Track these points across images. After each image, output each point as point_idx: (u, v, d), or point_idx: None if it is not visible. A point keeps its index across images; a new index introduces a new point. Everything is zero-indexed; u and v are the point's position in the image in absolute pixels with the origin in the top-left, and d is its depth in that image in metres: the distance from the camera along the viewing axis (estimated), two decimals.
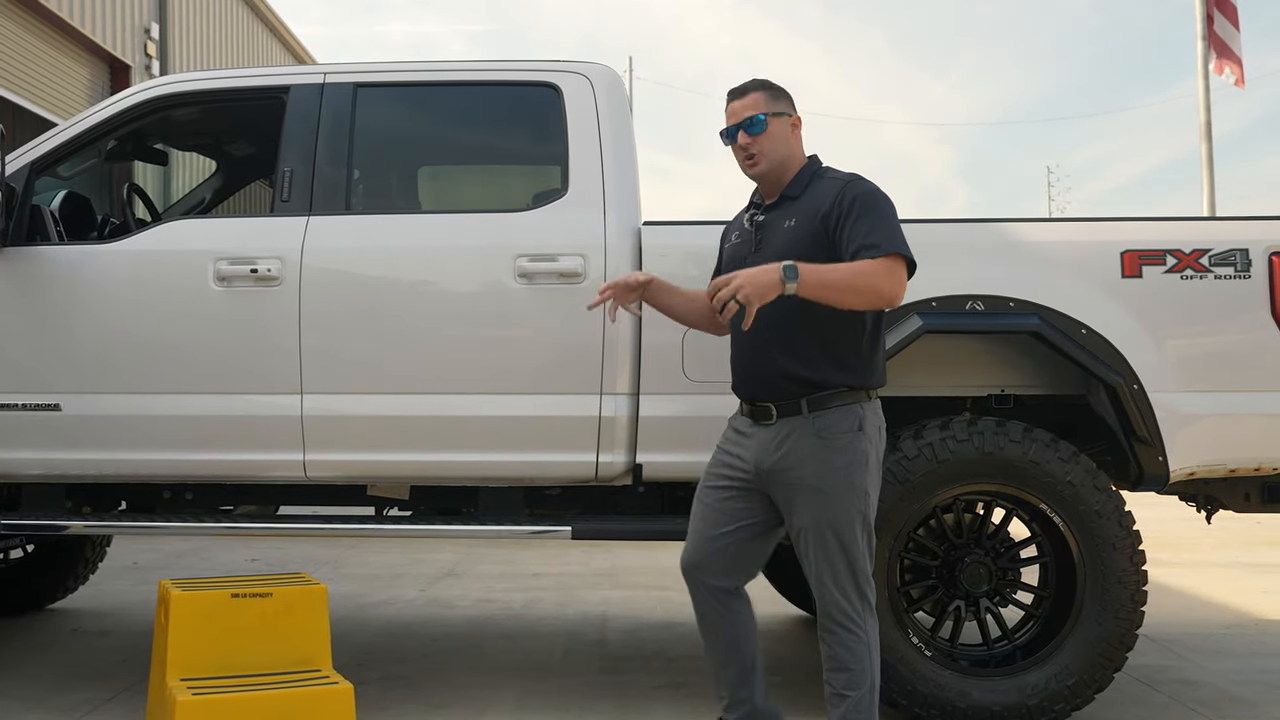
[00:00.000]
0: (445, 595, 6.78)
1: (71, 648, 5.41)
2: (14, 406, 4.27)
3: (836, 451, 3.21)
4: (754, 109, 3.36)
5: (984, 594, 4.21)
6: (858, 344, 3.27)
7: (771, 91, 3.41)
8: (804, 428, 3.23)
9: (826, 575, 3.22)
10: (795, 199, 3.34)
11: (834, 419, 3.22)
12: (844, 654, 3.23)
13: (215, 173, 5.76)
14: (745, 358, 3.36)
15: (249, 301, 4.24)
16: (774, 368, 3.26)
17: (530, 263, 4.20)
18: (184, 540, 8.47)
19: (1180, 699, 4.64)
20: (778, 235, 3.31)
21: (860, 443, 3.23)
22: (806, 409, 3.23)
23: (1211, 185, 15.65)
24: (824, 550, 3.21)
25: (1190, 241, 4.17)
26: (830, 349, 3.24)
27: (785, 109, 3.40)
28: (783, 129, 3.38)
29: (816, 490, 3.20)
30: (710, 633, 3.47)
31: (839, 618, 3.23)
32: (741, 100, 3.39)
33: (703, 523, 3.43)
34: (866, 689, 3.23)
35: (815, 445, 3.21)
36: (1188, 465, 4.18)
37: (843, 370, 3.24)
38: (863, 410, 3.26)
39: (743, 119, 3.36)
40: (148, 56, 13.86)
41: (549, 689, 4.74)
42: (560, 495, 4.57)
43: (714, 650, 3.46)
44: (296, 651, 3.83)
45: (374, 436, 4.24)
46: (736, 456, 3.38)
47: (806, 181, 3.36)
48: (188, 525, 4.36)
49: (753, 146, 3.36)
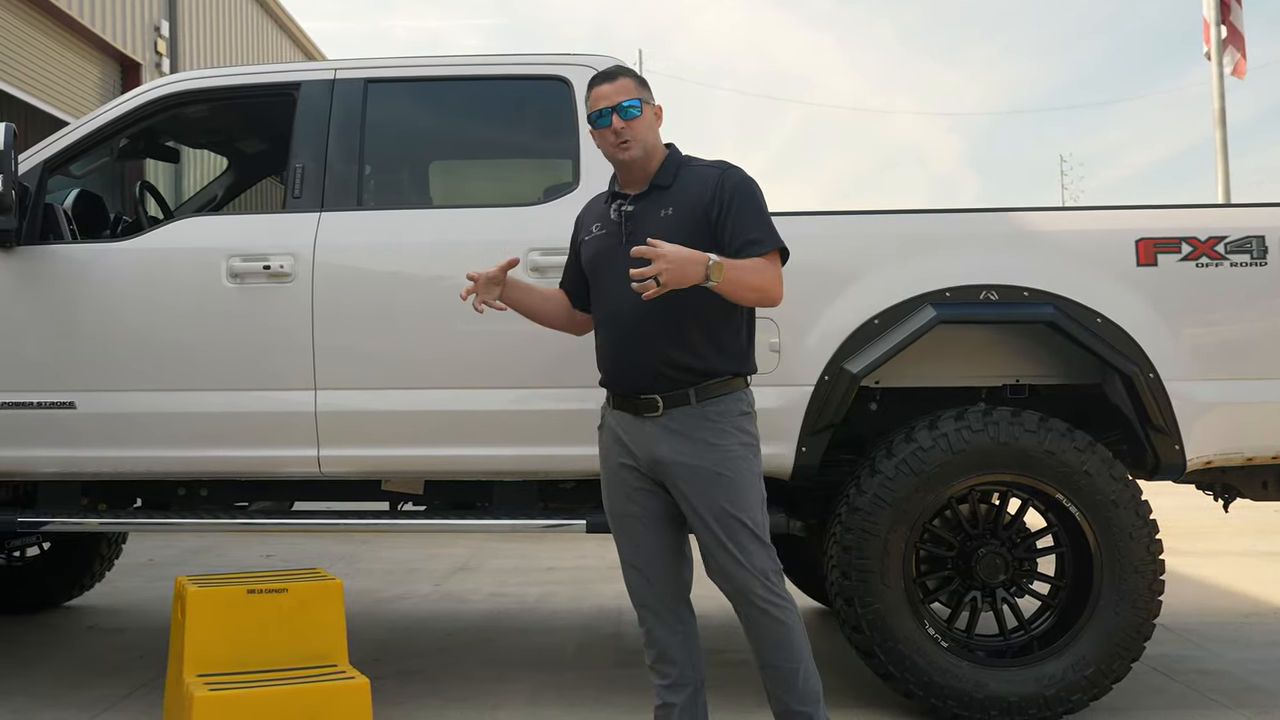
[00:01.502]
0: (460, 590, 6.78)
1: (88, 645, 5.43)
2: (29, 405, 4.29)
3: (731, 435, 3.23)
4: (626, 94, 3.32)
5: (1000, 584, 4.20)
6: (737, 332, 3.30)
7: (638, 79, 3.39)
8: (695, 416, 3.22)
9: (742, 558, 3.21)
10: (666, 188, 3.31)
11: (723, 405, 3.24)
12: (780, 630, 3.23)
13: (227, 170, 5.77)
14: (623, 350, 3.31)
15: (262, 298, 4.25)
16: (659, 358, 3.23)
17: (542, 256, 4.20)
18: (199, 537, 8.49)
19: (1198, 688, 4.62)
20: (652, 225, 3.25)
21: (749, 424, 3.28)
22: (695, 398, 3.22)
23: (1226, 172, 15.56)
24: (733, 534, 3.21)
25: (1205, 229, 4.15)
26: (713, 338, 3.24)
27: (650, 97, 3.39)
28: (650, 118, 3.36)
29: (717, 475, 3.20)
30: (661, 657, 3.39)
31: (765, 595, 3.23)
32: (613, 84, 3.34)
33: (630, 535, 3.39)
34: (808, 658, 3.26)
35: (710, 431, 3.22)
36: (1204, 454, 4.16)
37: (726, 358, 3.26)
38: (745, 394, 3.30)
39: (616, 103, 3.30)
40: (158, 54, 13.88)
41: (564, 682, 4.74)
42: (574, 488, 4.57)
43: (666, 675, 3.38)
44: (312, 647, 3.84)
45: (388, 431, 4.24)
46: (628, 458, 3.34)
47: (674, 170, 3.34)
48: (203, 522, 4.38)
49: (627, 131, 3.30)
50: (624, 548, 3.43)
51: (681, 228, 3.22)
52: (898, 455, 4.07)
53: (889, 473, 4.05)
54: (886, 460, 4.07)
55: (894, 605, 4.03)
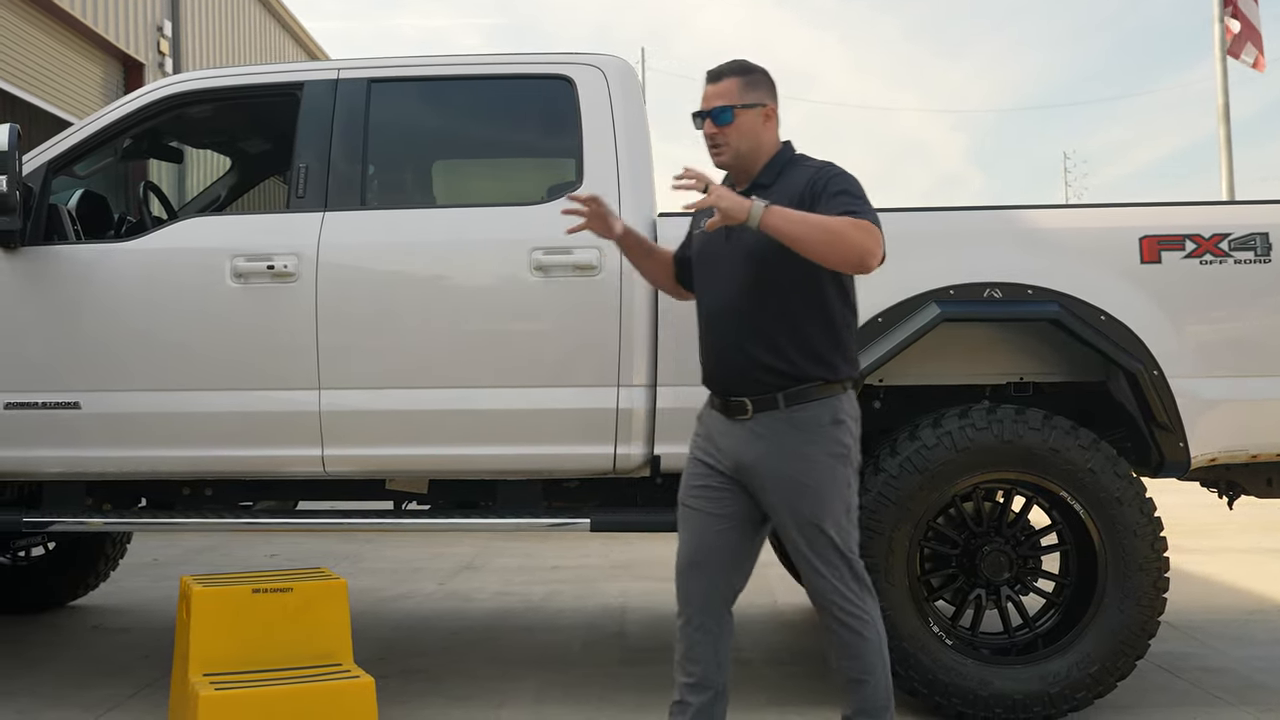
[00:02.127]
0: (464, 588, 6.79)
1: (93, 644, 5.43)
2: (34, 405, 4.29)
3: (818, 445, 3.16)
4: (724, 99, 3.27)
5: (1004, 582, 4.20)
6: (831, 336, 3.20)
7: (748, 78, 3.29)
8: (782, 423, 3.17)
9: (822, 568, 3.19)
10: (767, 187, 3.25)
11: (812, 412, 3.16)
12: (854, 640, 3.20)
13: (230, 170, 5.78)
14: (716, 351, 3.29)
15: (266, 298, 4.25)
16: (748, 361, 3.19)
17: (546, 255, 4.20)
18: (203, 536, 8.51)
19: (1203, 686, 4.62)
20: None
21: (840, 433, 3.18)
22: (783, 403, 3.17)
23: (1230, 169, 15.56)
24: (814, 544, 3.17)
25: (1209, 226, 4.14)
26: (804, 342, 3.17)
27: (759, 99, 3.29)
28: (752, 121, 3.28)
29: (801, 485, 3.15)
30: (689, 656, 3.32)
31: (843, 606, 3.20)
32: (715, 86, 3.30)
33: (691, 530, 3.34)
34: (881, 670, 3.22)
35: (796, 439, 3.16)
36: (1209, 451, 4.16)
37: (818, 363, 3.18)
38: (839, 402, 3.20)
39: (712, 107, 3.28)
40: (161, 54, 13.90)
41: (569, 681, 4.75)
42: (578, 488, 4.57)
43: (690, 673, 3.32)
44: (317, 646, 3.84)
45: (392, 431, 4.24)
46: (712, 457, 3.31)
47: (779, 170, 3.28)
48: (207, 521, 4.38)
49: (718, 137, 3.28)
50: (681, 536, 3.38)
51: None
52: (902, 453, 4.07)
53: (893, 471, 4.05)
54: (891, 458, 4.08)
55: (898, 603, 4.03)
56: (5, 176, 4.09)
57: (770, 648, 5.22)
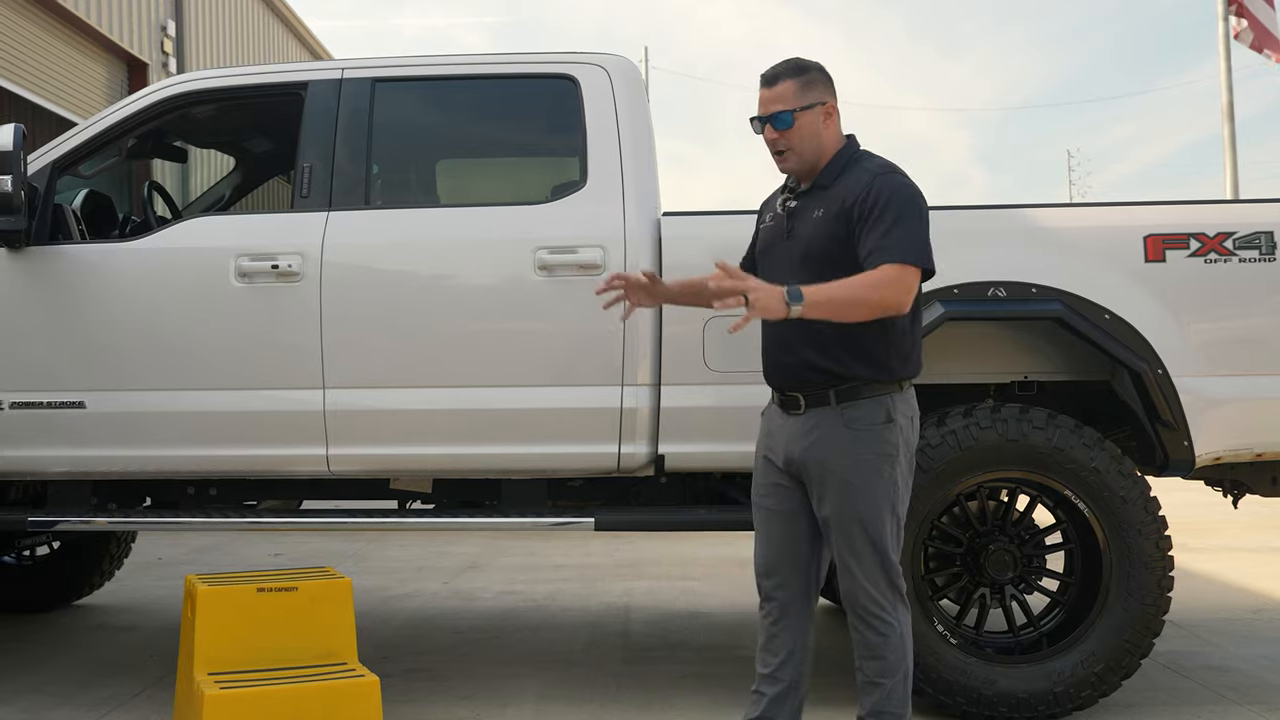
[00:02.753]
0: (468, 588, 6.79)
1: (98, 643, 5.44)
2: (39, 404, 4.30)
3: (866, 443, 3.16)
4: (781, 103, 3.24)
5: (1009, 581, 4.20)
6: (885, 337, 3.18)
7: (804, 79, 3.26)
8: (833, 419, 3.18)
9: (855, 566, 3.19)
10: (826, 188, 3.25)
11: (863, 410, 3.17)
12: (877, 642, 3.21)
13: (234, 169, 5.78)
14: (772, 349, 3.32)
15: (270, 297, 4.25)
16: (799, 360, 3.22)
17: (550, 255, 4.20)
18: (208, 535, 8.51)
19: (1208, 684, 4.62)
20: (807, 224, 3.25)
21: (890, 434, 3.18)
22: (835, 400, 3.18)
23: (1235, 167, 15.55)
24: (851, 542, 3.18)
25: (1214, 225, 4.14)
26: (855, 343, 3.16)
27: (817, 98, 3.26)
28: (812, 122, 3.25)
29: (845, 482, 3.16)
30: (766, 647, 3.35)
31: (870, 608, 3.20)
32: (771, 90, 3.27)
33: (763, 526, 3.38)
34: (899, 677, 3.21)
35: (845, 437, 3.17)
36: (1213, 450, 4.15)
37: (869, 364, 3.18)
38: (893, 401, 3.19)
39: (770, 113, 3.26)
40: (164, 54, 13.90)
41: (573, 679, 4.75)
42: (582, 487, 4.57)
43: (767, 664, 3.36)
44: (322, 645, 3.84)
45: (396, 430, 4.25)
46: (772, 452, 3.34)
47: (839, 170, 3.26)
48: (211, 521, 4.39)
49: (780, 143, 3.27)
50: (756, 534, 3.42)
51: (828, 230, 3.18)
52: None
53: None
54: None
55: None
56: (10, 176, 4.09)
57: None
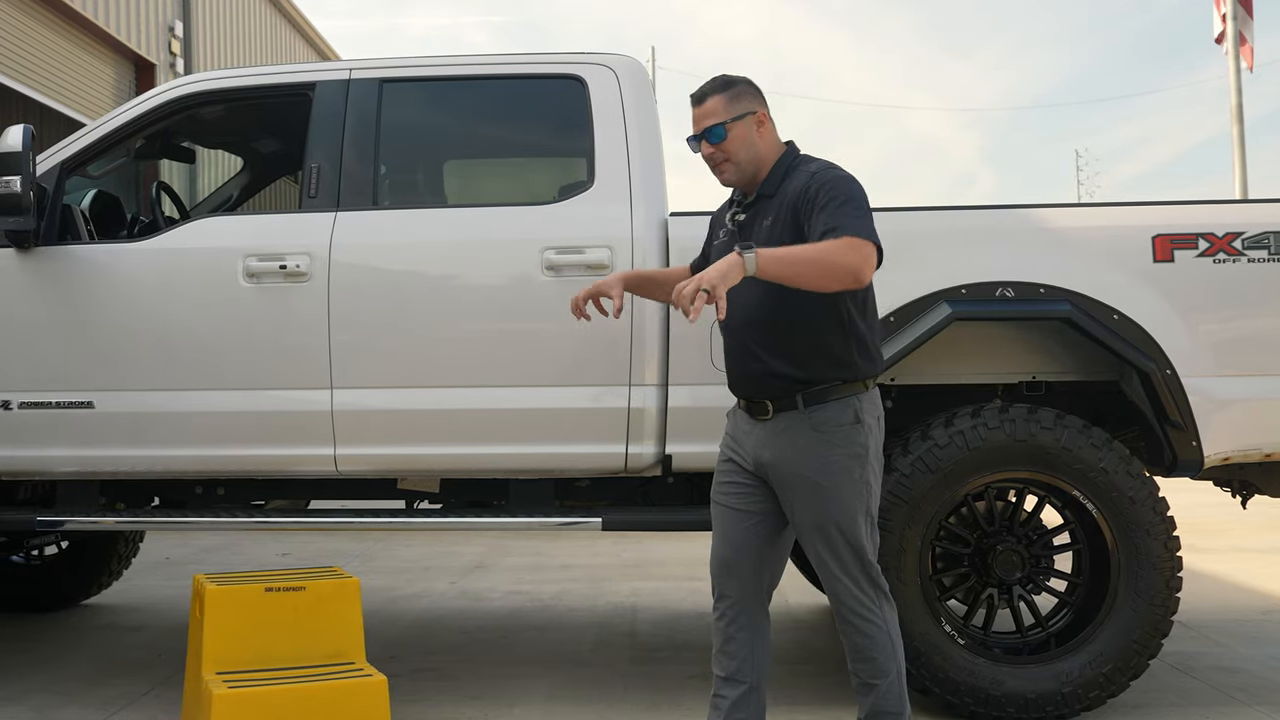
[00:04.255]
0: (475, 588, 6.80)
1: (106, 643, 5.45)
2: (47, 404, 4.31)
3: (835, 445, 3.15)
4: (712, 117, 3.25)
5: (1017, 581, 4.19)
6: (844, 336, 3.18)
7: (731, 92, 3.25)
8: (801, 422, 3.17)
9: (836, 569, 3.19)
10: (771, 196, 3.24)
11: (830, 412, 3.16)
12: (865, 644, 3.21)
13: (242, 170, 5.79)
14: (734, 358, 3.31)
15: (278, 297, 4.26)
16: (762, 368, 3.20)
17: (557, 255, 4.20)
18: (215, 535, 8.53)
19: (1217, 685, 4.61)
20: (758, 235, 3.22)
21: (858, 434, 3.17)
22: (802, 404, 3.17)
23: (1243, 167, 15.53)
24: (829, 544, 3.18)
25: (1222, 225, 4.13)
26: (817, 344, 3.16)
27: (747, 108, 3.26)
28: (745, 132, 3.25)
29: (816, 485, 3.15)
30: (724, 650, 3.35)
31: (856, 609, 3.20)
32: (701, 107, 3.28)
33: (723, 524, 3.37)
34: (893, 675, 3.21)
35: (813, 439, 3.16)
36: (1222, 450, 4.14)
37: (833, 365, 3.17)
38: (860, 401, 3.19)
39: (703, 129, 3.26)
40: (172, 55, 13.93)
41: (580, 680, 4.75)
42: (590, 487, 4.57)
43: (725, 667, 3.34)
44: (330, 644, 3.85)
45: (404, 430, 4.25)
46: (738, 454, 3.33)
47: (781, 176, 3.25)
48: (219, 520, 4.40)
49: (716, 155, 3.26)
50: (714, 533, 3.41)
51: (779, 236, 3.16)
52: (914, 453, 4.06)
53: (905, 470, 4.05)
54: (903, 458, 4.07)
55: (910, 602, 4.03)
56: (19, 177, 4.11)
57: (782, 647, 5.21)
